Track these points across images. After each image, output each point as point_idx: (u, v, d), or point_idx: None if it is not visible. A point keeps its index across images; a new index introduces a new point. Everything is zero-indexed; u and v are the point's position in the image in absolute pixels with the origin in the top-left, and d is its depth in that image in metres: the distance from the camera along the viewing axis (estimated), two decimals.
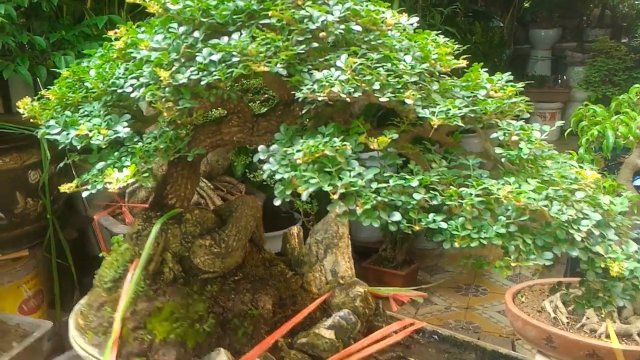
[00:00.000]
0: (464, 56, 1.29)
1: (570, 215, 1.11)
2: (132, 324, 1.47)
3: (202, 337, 1.44)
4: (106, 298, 1.56)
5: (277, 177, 1.13)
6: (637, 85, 2.30)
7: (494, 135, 1.21)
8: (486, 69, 1.32)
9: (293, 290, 1.59)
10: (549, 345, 2.17)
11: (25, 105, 1.40)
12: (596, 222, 1.14)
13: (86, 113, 1.33)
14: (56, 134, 1.31)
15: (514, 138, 1.18)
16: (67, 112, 1.35)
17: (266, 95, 2.37)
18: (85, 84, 1.37)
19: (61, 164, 1.46)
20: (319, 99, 1.12)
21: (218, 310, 1.47)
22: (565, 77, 7.76)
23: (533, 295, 2.55)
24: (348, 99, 1.11)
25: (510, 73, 1.30)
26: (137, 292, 1.50)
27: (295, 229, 1.72)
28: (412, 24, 1.29)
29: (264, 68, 1.15)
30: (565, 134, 2.43)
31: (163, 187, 1.54)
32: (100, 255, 1.76)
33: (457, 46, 1.31)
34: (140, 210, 3.27)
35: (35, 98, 1.43)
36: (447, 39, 1.33)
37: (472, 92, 1.24)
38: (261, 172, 2.96)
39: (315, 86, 1.13)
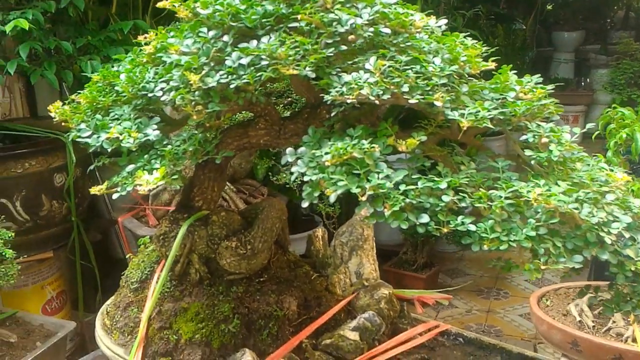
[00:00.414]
0: (486, 54, 1.29)
1: (601, 218, 1.10)
2: (158, 324, 1.49)
3: (227, 338, 1.45)
4: (133, 298, 1.58)
5: (305, 179, 1.13)
6: None
7: (524, 137, 1.20)
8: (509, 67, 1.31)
9: (318, 291, 1.60)
10: (574, 349, 2.15)
11: (56, 109, 1.42)
12: (627, 224, 1.13)
13: (116, 116, 1.35)
14: (87, 137, 1.33)
15: (544, 140, 1.17)
16: (98, 116, 1.37)
17: (289, 99, 2.38)
18: (116, 88, 1.39)
19: (91, 167, 1.48)
20: (348, 101, 1.13)
21: (243, 311, 1.48)
22: (588, 80, 7.67)
23: (558, 299, 2.53)
24: (377, 102, 1.11)
25: (538, 75, 1.29)
26: (163, 293, 1.52)
27: (319, 231, 1.73)
28: (440, 27, 1.29)
29: (293, 71, 1.15)
30: (593, 137, 2.41)
31: (190, 189, 1.55)
32: (127, 256, 1.77)
33: (483, 49, 1.31)
34: (164, 213, 3.31)
35: (66, 102, 1.45)
36: (474, 41, 1.33)
37: (501, 94, 1.23)
38: (284, 175, 2.98)
39: (344, 89, 1.13)
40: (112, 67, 1.51)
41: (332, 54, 1.17)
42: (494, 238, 1.08)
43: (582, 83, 7.68)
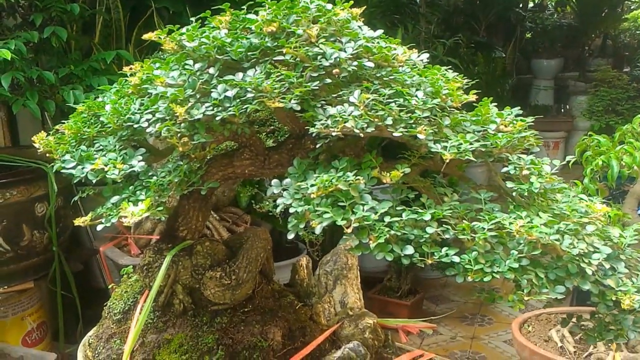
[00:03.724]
0: (467, 86, 1.31)
1: (582, 249, 1.12)
2: (141, 355, 1.48)
3: None
4: (115, 330, 1.57)
5: (291, 210, 1.14)
6: None
7: (505, 169, 1.22)
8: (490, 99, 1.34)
9: (302, 321, 1.60)
10: None
11: (40, 140, 1.42)
12: (607, 255, 1.15)
13: (101, 147, 1.35)
14: (71, 168, 1.33)
15: (525, 172, 1.19)
16: (83, 147, 1.37)
17: (272, 127, 2.39)
18: (101, 118, 1.39)
19: (75, 198, 1.48)
20: (333, 134, 1.14)
21: (227, 342, 1.47)
22: (568, 107, 7.80)
23: (539, 325, 2.55)
24: (361, 134, 1.13)
25: (518, 106, 1.32)
26: (146, 324, 1.51)
27: (304, 260, 1.73)
28: (422, 60, 1.32)
29: (278, 104, 1.17)
30: (570, 164, 2.45)
31: (174, 219, 1.55)
32: (109, 287, 1.76)
33: (464, 81, 1.33)
34: (146, 242, 3.29)
35: (51, 132, 1.45)
36: (455, 73, 1.35)
37: (482, 127, 1.26)
38: (267, 203, 2.97)
39: (329, 121, 1.14)
40: (96, 97, 1.51)
41: (317, 87, 1.19)
42: (478, 269, 1.09)
43: (562, 110, 7.80)
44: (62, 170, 1.33)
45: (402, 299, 4.11)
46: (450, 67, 1.40)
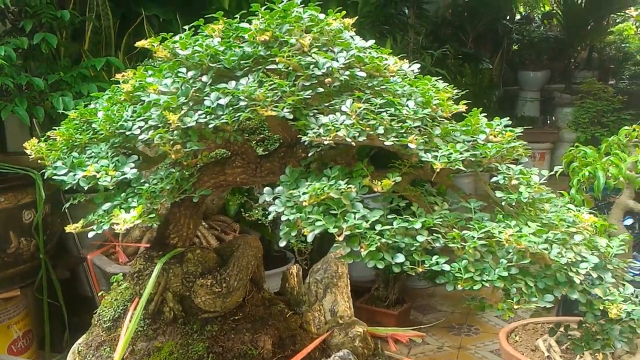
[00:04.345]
0: (457, 96, 1.33)
1: (570, 258, 1.13)
2: None
3: None
4: (105, 337, 1.57)
5: (283, 218, 1.15)
6: (626, 127, 2.36)
7: (494, 179, 1.24)
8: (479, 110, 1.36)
9: (292, 330, 1.60)
10: None
11: (32, 146, 1.42)
12: (594, 264, 1.17)
13: (93, 154, 1.35)
14: (63, 175, 1.33)
15: (514, 182, 1.21)
16: (74, 154, 1.37)
17: (262, 136, 2.40)
18: (93, 125, 1.40)
19: (66, 205, 1.48)
20: (325, 142, 1.15)
21: (218, 350, 1.47)
22: (554, 118, 7.87)
23: (526, 334, 2.56)
24: (353, 143, 1.14)
25: (507, 117, 1.33)
26: (136, 332, 1.51)
27: (294, 268, 1.74)
28: (413, 70, 1.33)
29: (271, 113, 1.18)
30: (557, 175, 2.48)
31: (165, 227, 1.55)
32: (99, 294, 1.75)
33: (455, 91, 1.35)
34: (134, 250, 3.28)
35: (42, 139, 1.45)
36: (445, 84, 1.37)
37: (472, 137, 1.27)
38: (256, 212, 2.97)
39: (322, 130, 1.16)
40: (87, 104, 1.51)
41: (309, 96, 1.20)
42: (468, 278, 1.10)
43: (548, 121, 7.87)
44: (54, 177, 1.33)
45: (390, 308, 4.12)
46: (439, 77, 1.42)
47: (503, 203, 1.22)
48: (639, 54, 8.17)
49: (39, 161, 1.40)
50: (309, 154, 1.25)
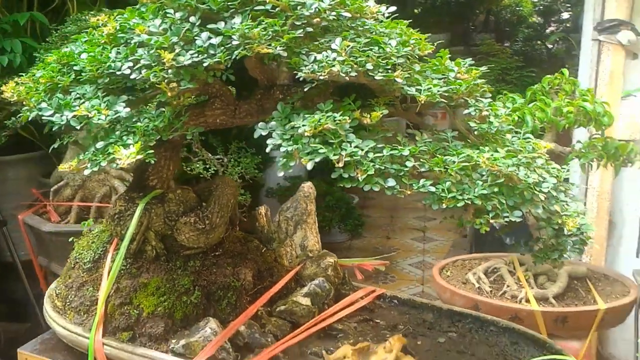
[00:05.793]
0: None
1: (534, 179, 1.29)
2: (118, 300, 1.53)
3: (189, 309, 1.52)
4: (87, 278, 1.60)
5: (281, 150, 1.23)
6: (548, 76, 2.59)
7: (466, 111, 1.37)
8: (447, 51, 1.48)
9: (269, 263, 1.69)
10: None
11: (11, 89, 1.41)
12: (553, 184, 1.33)
13: (79, 96, 1.37)
14: (50, 116, 1.35)
15: (484, 113, 1.35)
16: (59, 95, 1.38)
17: None
18: (75, 67, 1.41)
19: (55, 145, 1.49)
20: (320, 78, 1.24)
21: (202, 283, 1.55)
22: None
23: (456, 270, 2.80)
24: (347, 78, 1.24)
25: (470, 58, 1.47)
26: (119, 271, 1.55)
27: (263, 209, 1.82)
28: (390, 13, 1.43)
29: (266, 50, 1.25)
30: None
31: (144, 168, 1.59)
32: (70, 240, 1.77)
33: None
34: (66, 209, 3.23)
35: (20, 82, 1.44)
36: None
37: (443, 75, 1.40)
38: (197, 165, 2.98)
39: (316, 66, 1.24)
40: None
41: (300, 35, 1.28)
42: (451, 197, 1.23)
43: None
44: (42, 118, 1.34)
45: None
46: None
47: (476, 132, 1.36)
48: (530, 17, 8.61)
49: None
50: (306, 89, 1.31)
